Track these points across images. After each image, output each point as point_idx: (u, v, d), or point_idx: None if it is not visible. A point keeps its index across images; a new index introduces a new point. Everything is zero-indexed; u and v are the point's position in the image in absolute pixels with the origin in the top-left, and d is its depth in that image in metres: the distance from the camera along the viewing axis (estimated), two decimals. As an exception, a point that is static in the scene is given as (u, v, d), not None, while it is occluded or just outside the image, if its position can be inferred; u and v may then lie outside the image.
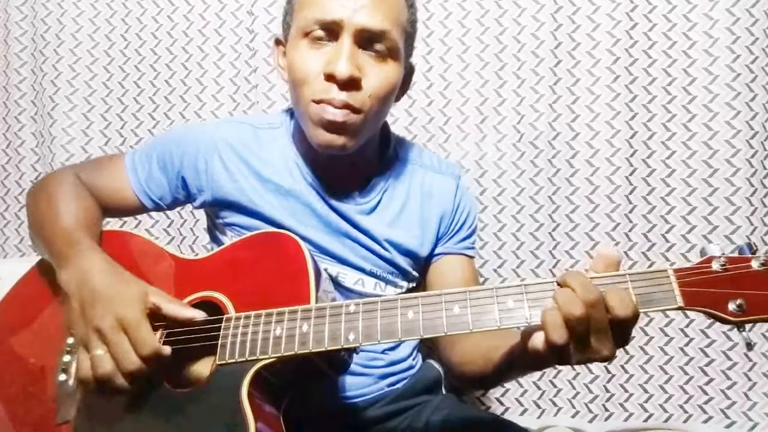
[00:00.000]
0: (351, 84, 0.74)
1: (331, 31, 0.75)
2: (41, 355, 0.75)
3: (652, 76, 1.23)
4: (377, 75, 0.77)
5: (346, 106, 0.75)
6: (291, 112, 0.92)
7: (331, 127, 0.76)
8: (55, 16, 1.37)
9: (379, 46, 0.77)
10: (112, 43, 1.37)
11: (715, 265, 0.55)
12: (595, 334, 0.54)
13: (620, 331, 0.55)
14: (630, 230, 1.26)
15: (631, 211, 1.26)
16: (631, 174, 1.25)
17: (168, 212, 1.27)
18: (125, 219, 1.21)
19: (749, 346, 0.55)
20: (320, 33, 0.76)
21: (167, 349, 0.66)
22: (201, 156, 0.88)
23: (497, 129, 1.28)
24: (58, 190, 0.84)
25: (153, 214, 1.34)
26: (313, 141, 0.79)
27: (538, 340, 0.57)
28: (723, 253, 0.55)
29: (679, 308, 0.55)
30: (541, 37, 1.25)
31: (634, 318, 0.54)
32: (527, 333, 0.59)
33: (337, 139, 0.77)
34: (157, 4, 1.35)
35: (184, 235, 1.38)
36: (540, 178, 1.27)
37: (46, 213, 0.80)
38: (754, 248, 0.55)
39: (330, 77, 0.74)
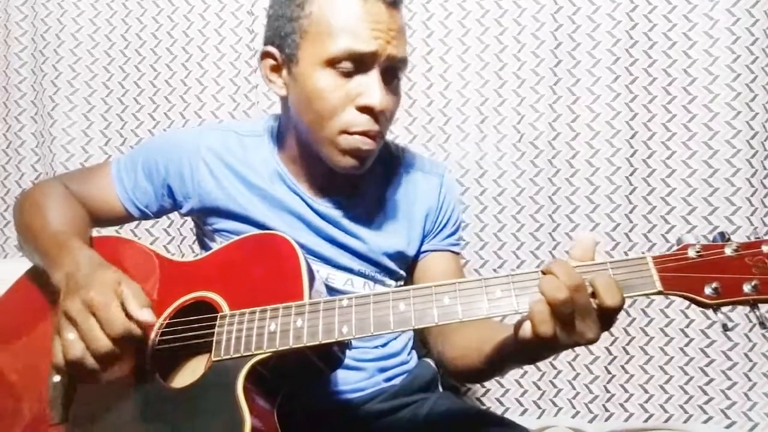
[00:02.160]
0: (382, 114, 0.77)
1: (363, 62, 0.75)
2: (35, 357, 0.75)
3: (652, 76, 1.23)
4: (394, 100, 0.80)
5: (380, 135, 0.78)
6: (274, 119, 0.93)
7: (360, 154, 0.78)
8: (55, 16, 1.37)
9: (399, 74, 0.79)
10: (112, 44, 1.37)
11: (691, 252, 0.58)
12: (579, 317, 0.56)
13: (604, 319, 0.57)
14: (630, 230, 1.26)
15: (631, 212, 1.26)
16: (631, 174, 1.25)
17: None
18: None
19: (725, 327, 0.58)
20: (350, 65, 0.75)
21: (142, 318, 0.64)
22: (186, 163, 0.88)
23: (497, 129, 1.28)
24: (45, 198, 0.84)
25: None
26: (335, 165, 0.80)
27: (526, 330, 0.58)
28: (698, 242, 0.58)
29: (659, 293, 0.58)
30: (542, 38, 1.25)
31: (621, 305, 0.56)
32: (518, 324, 0.60)
33: (363, 165, 0.80)
34: (157, 4, 1.35)
35: (184, 235, 1.38)
36: (540, 178, 1.27)
37: (35, 220, 0.81)
38: (727, 236, 0.58)
39: (367, 110, 0.76)
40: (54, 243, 0.75)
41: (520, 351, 0.62)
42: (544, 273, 0.58)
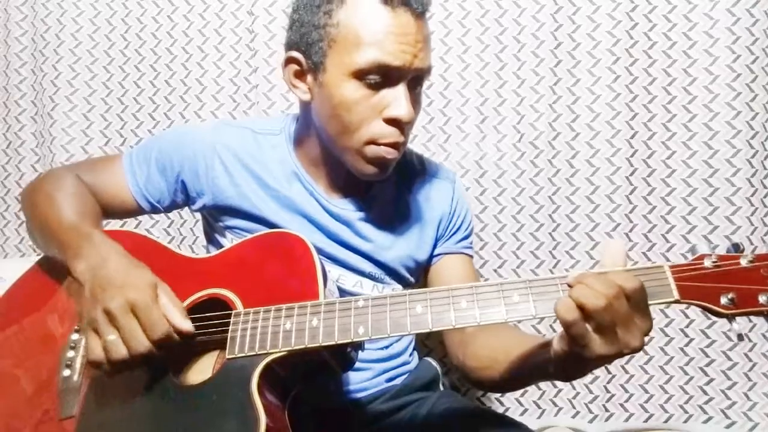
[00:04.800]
0: (408, 125, 0.78)
1: (390, 75, 0.75)
2: (45, 350, 0.75)
3: (652, 76, 1.23)
4: (416, 107, 0.80)
5: (404, 144, 0.80)
6: (292, 119, 0.92)
7: (385, 163, 0.80)
8: (55, 16, 1.37)
9: (423, 82, 0.80)
10: (112, 43, 1.37)
11: (707, 262, 0.59)
12: (621, 325, 0.55)
13: (640, 311, 0.55)
14: (630, 230, 1.26)
15: (631, 212, 1.26)
16: (631, 174, 1.25)
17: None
18: (124, 219, 1.21)
19: (740, 337, 0.59)
20: (377, 77, 0.74)
21: (184, 328, 0.66)
22: (201, 160, 0.88)
23: (497, 129, 1.28)
24: (58, 187, 0.84)
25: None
26: (358, 173, 0.81)
27: (560, 341, 0.57)
28: (714, 252, 0.59)
29: (676, 301, 0.58)
30: (542, 38, 1.25)
31: (641, 289, 0.55)
32: (553, 340, 0.60)
33: (386, 172, 0.82)
34: (157, 4, 1.35)
35: (184, 235, 1.38)
36: (540, 178, 1.27)
37: (49, 210, 0.80)
38: (741, 248, 0.59)
39: (394, 122, 0.76)
40: (74, 234, 0.75)
41: (557, 368, 0.60)
42: (571, 286, 0.56)
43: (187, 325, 0.67)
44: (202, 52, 1.34)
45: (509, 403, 1.30)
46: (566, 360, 0.58)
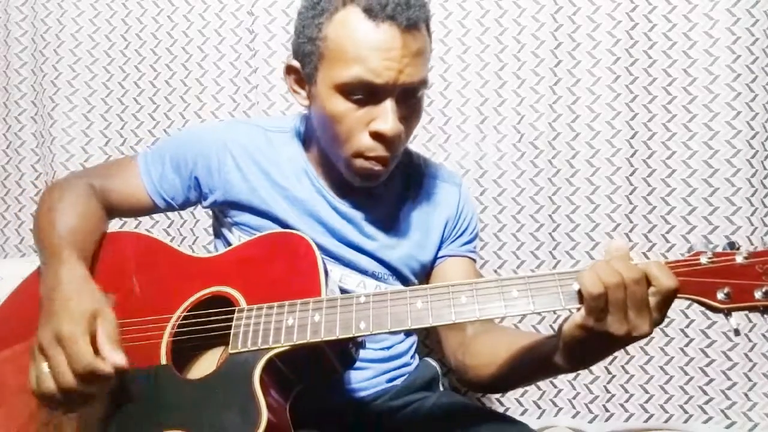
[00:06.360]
0: (397, 138, 0.77)
1: (374, 92, 0.74)
2: None
3: (652, 76, 1.23)
4: (411, 118, 0.80)
5: (392, 158, 0.80)
6: (301, 119, 0.94)
7: (373, 174, 0.80)
8: (55, 16, 1.37)
9: (417, 95, 0.79)
10: (112, 44, 1.37)
11: (703, 259, 0.61)
12: (634, 308, 0.57)
13: (659, 305, 0.58)
14: (630, 230, 1.26)
15: (631, 212, 1.26)
16: (631, 174, 1.25)
17: (168, 213, 1.27)
18: (124, 219, 1.21)
19: (736, 332, 0.60)
20: (361, 94, 0.74)
21: (113, 360, 0.62)
22: (214, 156, 0.89)
23: (497, 129, 1.28)
24: (61, 199, 0.84)
25: (153, 214, 1.34)
26: (351, 181, 0.83)
27: (575, 319, 0.59)
28: (709, 249, 0.61)
29: None
30: (542, 38, 1.25)
31: (676, 289, 0.57)
32: (563, 322, 0.62)
33: (377, 182, 0.83)
34: (157, 5, 1.35)
35: (184, 236, 1.38)
36: (540, 178, 1.27)
37: (44, 222, 0.81)
38: (737, 245, 0.61)
39: (379, 136, 0.76)
40: (50, 251, 0.75)
41: (564, 354, 0.62)
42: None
43: (117, 357, 0.62)
44: (202, 52, 1.34)
45: (509, 403, 1.30)
46: (575, 344, 0.59)
